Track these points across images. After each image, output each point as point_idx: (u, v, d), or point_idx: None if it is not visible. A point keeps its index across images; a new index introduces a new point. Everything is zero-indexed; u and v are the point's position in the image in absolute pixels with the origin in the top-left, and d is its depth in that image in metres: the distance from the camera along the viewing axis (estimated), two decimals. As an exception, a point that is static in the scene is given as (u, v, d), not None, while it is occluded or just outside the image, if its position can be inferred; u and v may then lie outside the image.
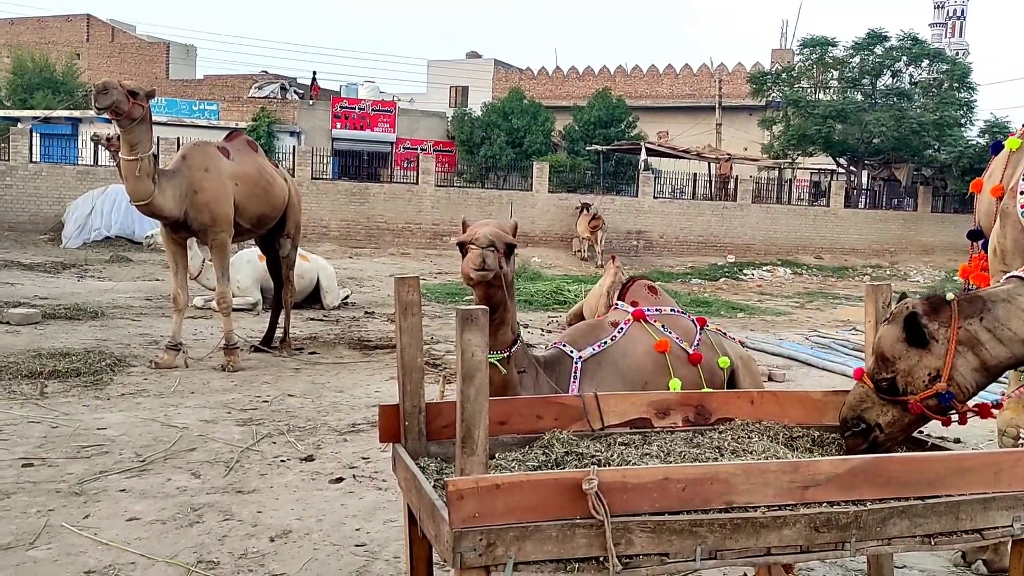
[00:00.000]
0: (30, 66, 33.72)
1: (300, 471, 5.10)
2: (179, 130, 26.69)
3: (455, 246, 3.72)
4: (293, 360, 8.44)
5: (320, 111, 32.58)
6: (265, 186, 8.30)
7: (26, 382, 6.87)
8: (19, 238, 20.05)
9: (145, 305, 11.47)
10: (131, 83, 7.21)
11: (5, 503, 4.41)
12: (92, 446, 5.41)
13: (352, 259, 20.97)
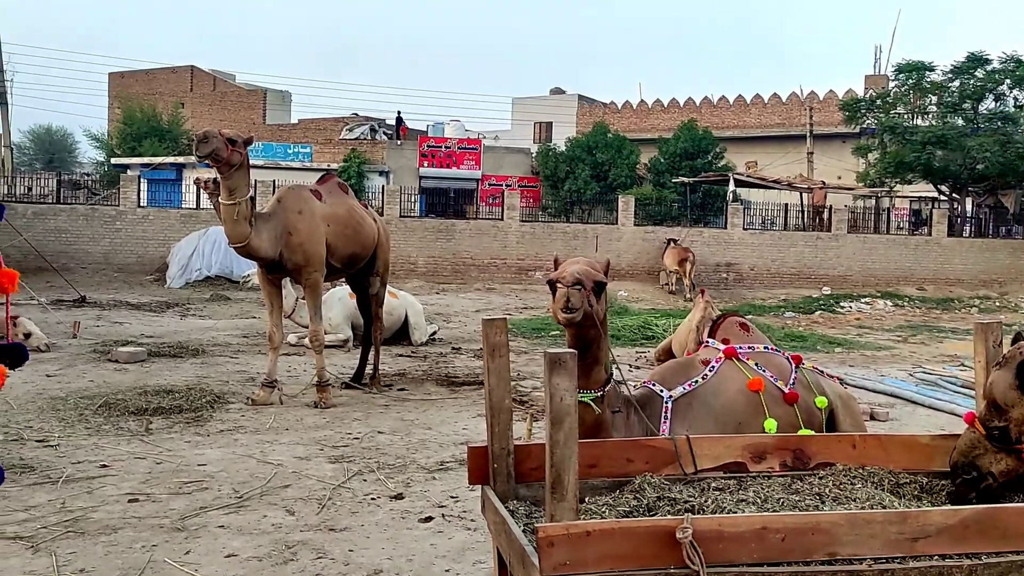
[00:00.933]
0: (139, 116, 35.50)
1: (390, 509, 5.13)
2: (275, 172, 27.62)
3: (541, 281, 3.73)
4: (383, 397, 8.55)
5: (408, 150, 33.29)
6: (355, 226, 8.49)
7: (133, 418, 7.14)
8: (127, 279, 21.00)
9: (242, 343, 11.83)
10: (230, 131, 7.50)
11: (113, 538, 4.56)
12: (193, 482, 5.57)
13: (439, 295, 21.22)
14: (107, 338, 11.47)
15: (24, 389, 8.12)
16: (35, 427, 6.77)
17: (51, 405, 7.48)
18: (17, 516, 4.79)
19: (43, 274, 18.77)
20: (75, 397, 7.79)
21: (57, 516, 4.83)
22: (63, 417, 7.10)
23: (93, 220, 22.43)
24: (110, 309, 15.37)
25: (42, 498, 5.12)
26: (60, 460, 5.90)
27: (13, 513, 4.84)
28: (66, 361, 9.71)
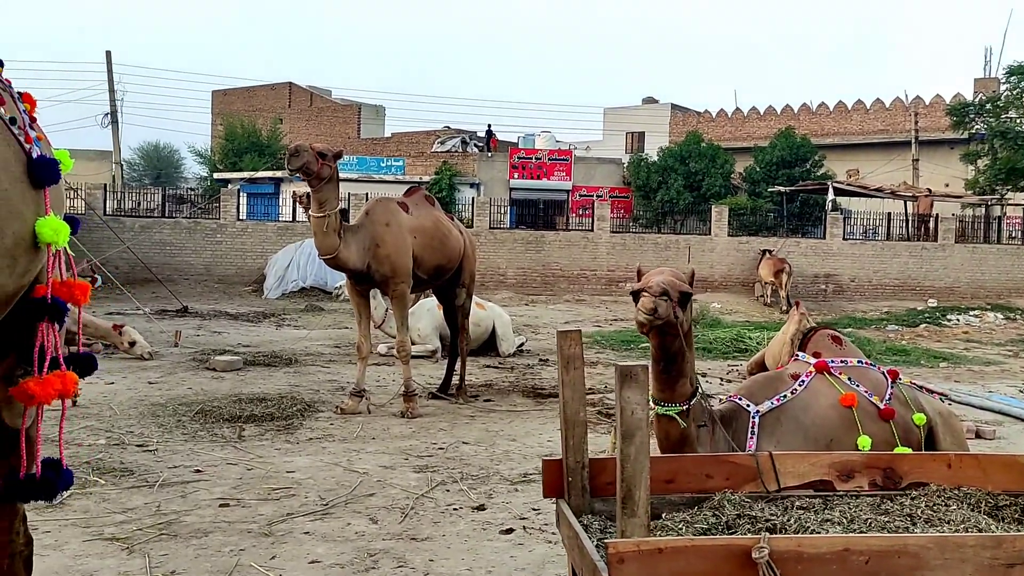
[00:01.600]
0: (239, 132, 36.80)
1: (472, 520, 5.13)
2: (368, 186, 28.19)
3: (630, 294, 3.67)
4: (469, 407, 8.58)
5: (498, 162, 33.52)
6: (442, 238, 8.58)
7: (227, 425, 7.35)
8: (227, 290, 21.75)
9: (334, 352, 12.07)
10: (320, 145, 7.68)
11: (203, 541, 4.69)
12: (281, 488, 5.68)
13: (528, 306, 21.24)
14: (206, 347, 11.88)
15: (127, 395, 8.47)
16: (136, 432, 7.04)
17: (151, 411, 7.78)
18: (115, 518, 4.98)
19: (149, 285, 19.62)
20: (174, 404, 8.08)
21: (152, 519, 4.99)
22: (162, 423, 7.36)
23: (195, 233, 23.32)
24: (210, 319, 15.93)
25: (139, 501, 5.31)
26: (158, 464, 6.12)
27: (112, 515, 5.03)
28: (167, 369, 10.09)
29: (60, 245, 2.30)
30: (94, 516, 4.99)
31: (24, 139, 2.23)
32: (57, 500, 5.01)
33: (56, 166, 2.30)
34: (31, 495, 2.48)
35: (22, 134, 2.24)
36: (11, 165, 2.17)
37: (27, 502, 2.57)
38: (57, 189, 2.39)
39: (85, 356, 2.63)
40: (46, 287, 2.37)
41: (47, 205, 2.27)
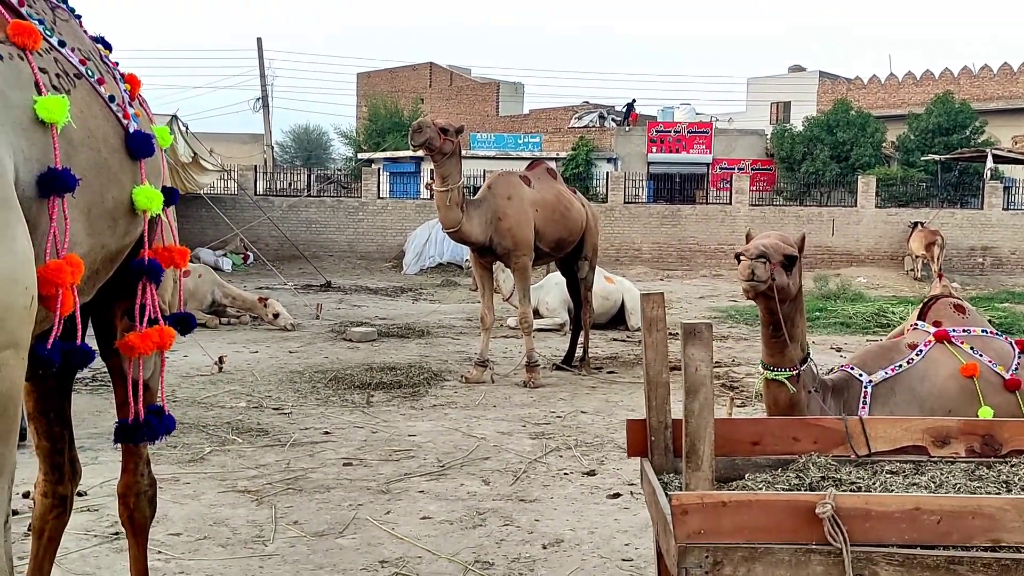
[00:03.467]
0: (382, 112, 37.93)
1: (580, 484, 5.22)
2: (504, 163, 28.51)
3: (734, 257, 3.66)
4: (591, 378, 8.65)
5: (636, 136, 33.14)
6: (563, 211, 8.65)
7: (357, 392, 7.72)
8: (368, 265, 22.61)
9: (465, 325, 12.38)
10: (442, 121, 7.90)
11: (326, 496, 4.98)
12: (402, 451, 5.95)
13: (663, 281, 21.03)
14: (345, 319, 12.44)
15: (269, 363, 9.02)
16: (273, 396, 7.51)
17: (289, 378, 8.26)
18: (248, 473, 5.36)
19: (295, 261, 20.64)
20: (310, 371, 8.54)
21: (281, 475, 5.34)
22: (298, 389, 7.81)
23: (339, 211, 24.31)
24: (351, 293, 16.63)
25: (271, 458, 5.68)
26: (291, 426, 6.51)
27: (245, 470, 5.41)
28: (307, 339, 10.65)
29: (154, 212, 2.54)
30: (230, 471, 5.39)
31: (123, 115, 2.48)
32: (171, 443, 5.45)
33: (150, 140, 2.55)
34: (136, 436, 2.75)
35: (120, 111, 2.48)
36: (110, 138, 2.42)
37: (133, 443, 2.85)
38: (154, 161, 2.64)
39: (185, 315, 2.90)
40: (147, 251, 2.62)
41: (143, 175, 2.52)
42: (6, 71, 2.02)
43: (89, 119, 2.31)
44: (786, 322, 3.51)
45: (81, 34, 2.57)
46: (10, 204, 1.87)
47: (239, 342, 10.31)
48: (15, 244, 1.85)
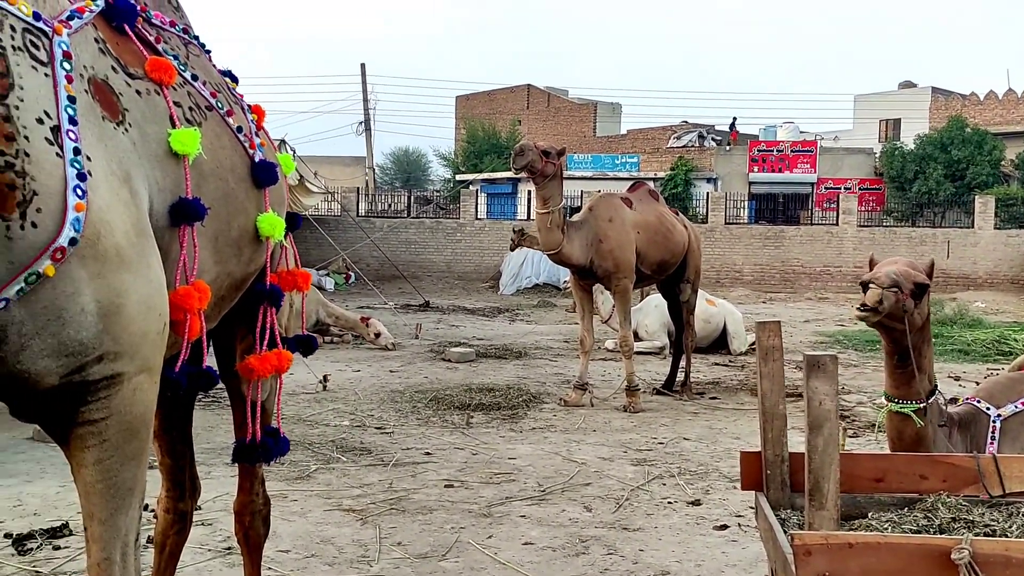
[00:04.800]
0: (480, 134, 38.45)
1: (686, 514, 5.09)
2: (602, 183, 28.46)
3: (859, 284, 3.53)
4: (693, 404, 8.48)
5: (737, 156, 32.62)
6: (665, 233, 8.54)
7: (457, 413, 7.76)
8: (466, 286, 22.84)
9: (563, 347, 12.34)
10: (544, 143, 7.91)
11: (428, 517, 5.00)
12: (502, 473, 5.93)
13: (765, 304, 20.52)
14: (443, 339, 12.57)
15: (371, 382, 9.17)
16: (376, 415, 7.62)
17: (390, 397, 8.37)
18: (353, 492, 5.43)
19: (395, 281, 21.02)
20: (411, 391, 8.65)
21: (384, 495, 5.39)
22: (399, 408, 7.91)
23: (437, 232, 24.66)
24: (449, 313, 16.81)
25: (374, 478, 5.75)
26: (393, 446, 6.59)
27: (350, 489, 5.49)
28: (407, 359, 10.79)
29: (276, 239, 2.61)
30: (335, 489, 5.47)
31: (249, 145, 2.56)
32: (280, 461, 5.55)
33: (275, 169, 2.62)
34: (253, 457, 2.82)
35: (247, 140, 2.56)
36: (238, 168, 2.51)
37: (249, 463, 2.91)
38: (277, 189, 2.71)
39: (309, 337, 2.96)
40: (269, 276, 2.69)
41: (267, 203, 2.59)
42: (144, 106, 2.11)
43: (218, 150, 2.39)
44: (914, 352, 3.35)
45: (211, 68, 2.67)
46: (146, 233, 1.95)
47: (342, 360, 10.53)
48: (150, 272, 1.93)
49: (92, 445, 1.92)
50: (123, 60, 2.13)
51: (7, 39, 1.79)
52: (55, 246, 1.75)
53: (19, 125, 1.75)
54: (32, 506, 4.93)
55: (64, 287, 1.78)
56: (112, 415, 1.91)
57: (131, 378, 1.92)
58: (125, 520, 2.01)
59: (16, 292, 1.72)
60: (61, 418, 1.92)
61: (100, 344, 1.84)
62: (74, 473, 1.98)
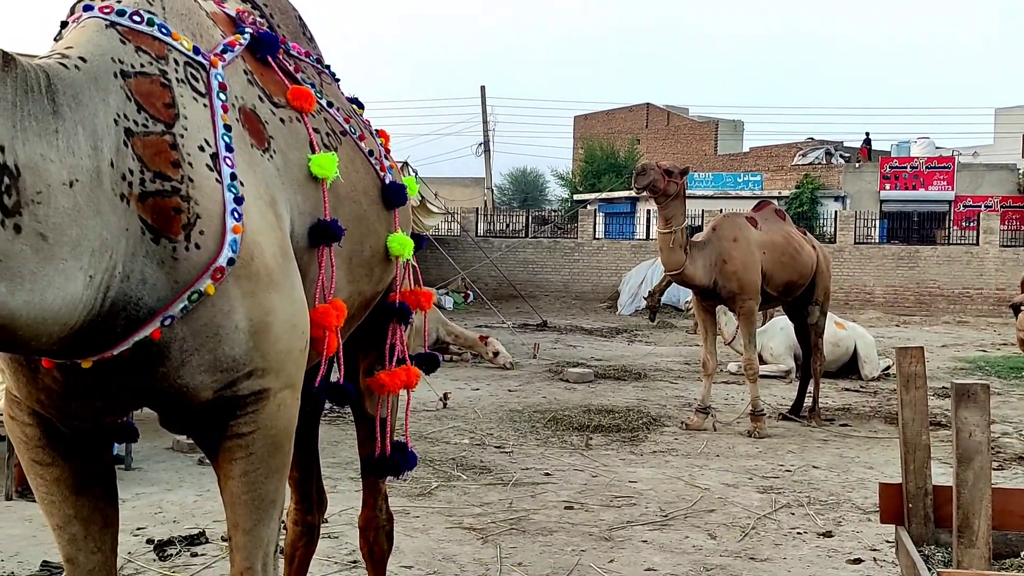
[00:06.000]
0: (598, 154, 38.40)
1: (816, 546, 4.88)
2: (724, 202, 27.91)
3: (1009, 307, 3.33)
4: (821, 431, 8.15)
5: (867, 173, 31.41)
6: (792, 253, 8.29)
7: (576, 434, 7.72)
8: (583, 306, 22.77)
9: (683, 369, 12.11)
10: (667, 163, 7.82)
11: (548, 539, 4.98)
12: (623, 497, 5.84)
13: (899, 327, 19.60)
14: (561, 359, 12.54)
15: (489, 401, 9.23)
16: (495, 434, 7.65)
17: (509, 416, 8.40)
18: (473, 510, 5.46)
19: (513, 300, 21.16)
20: (529, 411, 8.65)
21: (505, 514, 5.40)
22: (518, 428, 7.92)
23: (555, 252, 24.71)
24: (566, 333, 16.78)
25: (494, 497, 5.76)
26: (512, 465, 6.60)
27: (470, 507, 5.52)
28: (525, 378, 10.82)
29: (405, 258, 2.68)
30: (456, 507, 5.51)
31: (380, 168, 2.66)
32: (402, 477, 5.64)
33: (404, 191, 2.72)
34: (382, 471, 2.88)
35: (378, 163, 2.66)
36: (370, 190, 2.60)
37: (379, 477, 2.97)
38: (404, 210, 2.80)
39: (430, 355, 3.01)
40: (397, 294, 2.76)
41: (396, 223, 2.67)
42: (287, 133, 2.22)
43: (352, 173, 2.48)
44: None
45: (341, 95, 2.78)
46: (290, 255, 2.04)
47: (461, 379, 10.64)
48: (294, 292, 2.02)
49: (239, 458, 2.01)
50: (268, 90, 2.25)
51: (172, 72, 1.91)
52: (215, 266, 1.85)
53: (184, 152, 1.87)
54: (172, 513, 5.17)
55: (221, 305, 1.88)
56: (259, 429, 2.00)
57: (276, 393, 2.01)
58: (267, 531, 2.08)
59: (180, 309, 1.83)
60: (212, 431, 2.02)
61: (250, 360, 1.93)
62: (220, 485, 2.07)
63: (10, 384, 1.97)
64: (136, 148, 1.80)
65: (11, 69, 1.61)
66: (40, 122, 1.63)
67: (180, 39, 1.98)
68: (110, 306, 1.76)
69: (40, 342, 1.68)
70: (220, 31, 2.22)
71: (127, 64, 1.86)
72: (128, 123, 1.80)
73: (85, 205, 1.67)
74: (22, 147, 1.58)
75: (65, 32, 1.94)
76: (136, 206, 1.78)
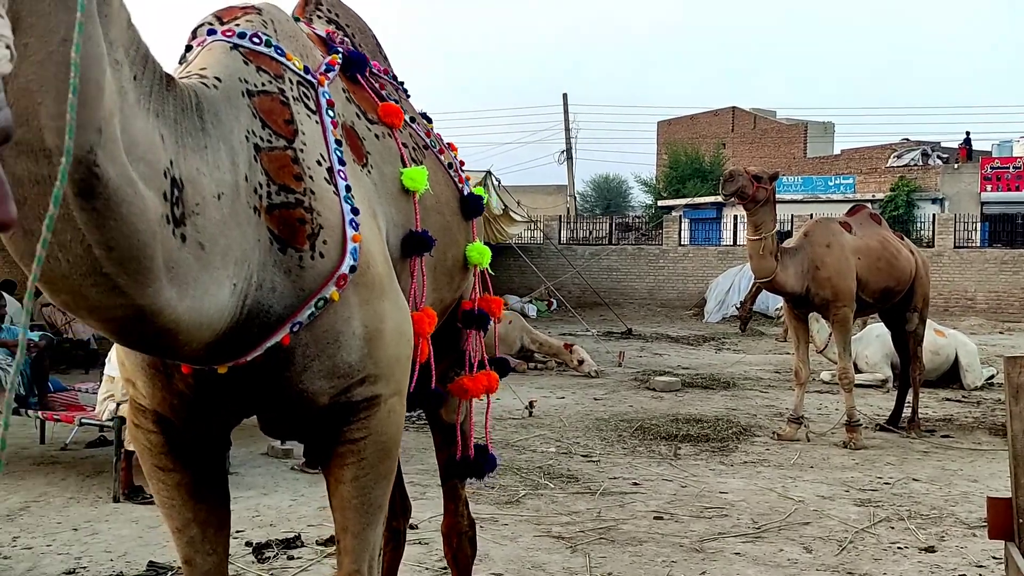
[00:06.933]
0: (683, 159, 37.90)
1: (918, 561, 4.71)
2: (814, 206, 27.26)
3: None
4: (922, 442, 7.86)
5: (966, 174, 30.22)
6: (889, 259, 8.02)
7: (664, 443, 7.62)
8: (668, 313, 22.50)
9: (773, 377, 11.85)
10: (755, 168, 7.67)
11: (638, 549, 4.93)
12: (713, 508, 5.75)
13: (1003, 335, 18.78)
14: (647, 368, 12.42)
15: (575, 409, 9.21)
16: (581, 443, 7.62)
17: (595, 425, 8.36)
18: (561, 519, 5.45)
19: (596, 308, 21.06)
20: (616, 419, 8.59)
21: (593, 523, 5.37)
22: (604, 436, 7.87)
23: (639, 259, 24.50)
24: (652, 341, 16.61)
25: (582, 506, 5.74)
26: (599, 474, 6.55)
27: (558, 516, 5.51)
28: (610, 387, 10.75)
29: (483, 267, 2.75)
30: (543, 515, 5.51)
31: (458, 179, 2.74)
32: (489, 484, 5.70)
33: (481, 201, 2.82)
34: (465, 473, 2.93)
35: (456, 175, 2.74)
36: (451, 202, 2.70)
37: (461, 480, 3.02)
38: (479, 220, 2.86)
39: (501, 360, 3.09)
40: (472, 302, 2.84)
41: (474, 233, 2.74)
42: (381, 148, 2.30)
43: (435, 185, 2.55)
44: None
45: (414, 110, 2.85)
46: (391, 265, 2.11)
47: (546, 387, 10.64)
48: (399, 300, 2.09)
49: (351, 463, 2.07)
50: (362, 107, 2.33)
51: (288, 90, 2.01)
52: (339, 273, 1.93)
53: (304, 166, 1.95)
54: (268, 517, 5.31)
55: (342, 312, 1.96)
56: (370, 435, 2.06)
57: (387, 400, 2.07)
58: (374, 535, 2.14)
59: (308, 316, 1.90)
60: (325, 437, 2.09)
61: (364, 367, 2.00)
62: (330, 489, 2.13)
63: (141, 392, 2.06)
64: (263, 163, 1.89)
65: (172, 88, 1.71)
66: (194, 138, 1.73)
67: (292, 59, 2.07)
68: (247, 314, 1.84)
69: (191, 347, 1.76)
70: (319, 51, 2.31)
71: (251, 83, 1.96)
72: (256, 139, 1.90)
73: (229, 217, 1.76)
74: (184, 161, 1.67)
75: (190, 55, 2.04)
76: (265, 218, 1.87)
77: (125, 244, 1.49)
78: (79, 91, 1.22)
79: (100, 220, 1.45)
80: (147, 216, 1.53)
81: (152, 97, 1.63)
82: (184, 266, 1.64)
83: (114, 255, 1.49)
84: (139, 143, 1.54)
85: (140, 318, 1.59)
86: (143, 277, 1.55)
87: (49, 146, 1.35)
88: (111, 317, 1.59)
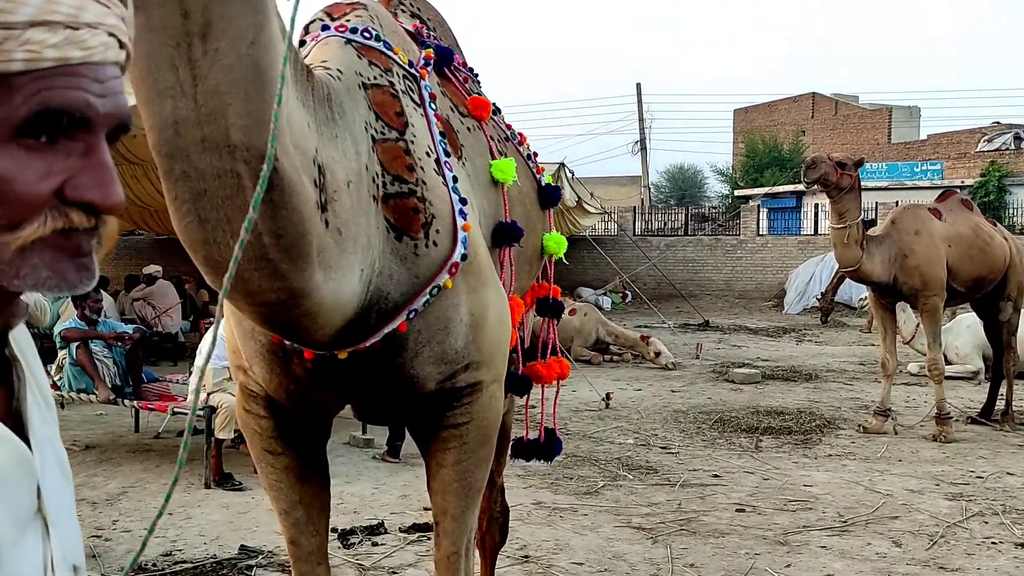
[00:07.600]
0: (760, 147, 37.19)
1: (1014, 557, 4.55)
2: (899, 193, 26.44)
3: None
4: (1016, 435, 7.58)
5: (1064, 158, 28.91)
6: (981, 246, 7.74)
7: (744, 435, 7.52)
8: (747, 304, 22.12)
9: (858, 369, 11.56)
10: (839, 155, 7.47)
11: (720, 541, 4.88)
12: (797, 501, 5.65)
13: (1102, 325, 17.92)
14: (725, 360, 12.25)
15: (652, 401, 9.15)
16: (659, 435, 7.57)
17: (674, 417, 8.29)
18: (641, 510, 5.42)
19: (673, 300, 20.84)
20: (694, 412, 8.50)
21: (673, 515, 5.33)
22: (683, 428, 7.80)
23: (716, 249, 24.13)
24: (730, 333, 16.36)
25: (662, 497, 5.70)
26: (678, 466, 6.50)
27: (638, 507, 5.48)
28: (688, 379, 10.64)
29: (559, 255, 2.77)
30: (623, 506, 5.49)
31: (536, 170, 2.76)
32: (567, 475, 5.72)
33: (559, 192, 2.85)
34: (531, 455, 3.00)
35: (534, 166, 2.75)
36: (531, 192, 2.75)
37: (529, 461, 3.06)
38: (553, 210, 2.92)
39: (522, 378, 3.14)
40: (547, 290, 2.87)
41: (551, 223, 2.76)
42: (472, 141, 2.34)
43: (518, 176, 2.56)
44: None
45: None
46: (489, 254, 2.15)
47: (623, 379, 10.59)
48: (500, 288, 2.14)
49: (453, 447, 2.11)
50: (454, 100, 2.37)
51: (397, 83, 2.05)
52: (451, 261, 1.98)
53: (415, 157, 2.00)
54: (352, 505, 5.42)
55: (452, 299, 2.00)
56: (472, 420, 2.10)
57: (488, 386, 2.11)
58: (472, 518, 2.20)
59: (423, 303, 1.95)
60: (429, 422, 2.14)
61: (468, 353, 2.04)
62: (430, 472, 2.18)
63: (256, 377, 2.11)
64: (379, 153, 1.94)
65: (311, 79, 1.78)
66: (328, 127, 1.79)
67: (399, 53, 2.12)
68: (369, 300, 1.89)
69: (324, 332, 1.82)
70: (414, 46, 2.34)
71: (366, 77, 2.01)
72: (372, 130, 1.95)
73: (357, 204, 1.81)
74: (323, 149, 1.73)
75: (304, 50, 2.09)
76: (381, 207, 1.92)
77: (292, 231, 1.55)
78: (266, 91, 1.28)
79: (274, 210, 1.51)
80: (309, 203, 1.59)
81: (299, 86, 1.69)
82: (328, 250, 1.69)
83: (282, 242, 1.55)
84: (296, 132, 1.59)
85: (290, 301, 1.64)
86: (302, 262, 1.60)
87: (235, 142, 1.41)
88: (265, 300, 1.64)
